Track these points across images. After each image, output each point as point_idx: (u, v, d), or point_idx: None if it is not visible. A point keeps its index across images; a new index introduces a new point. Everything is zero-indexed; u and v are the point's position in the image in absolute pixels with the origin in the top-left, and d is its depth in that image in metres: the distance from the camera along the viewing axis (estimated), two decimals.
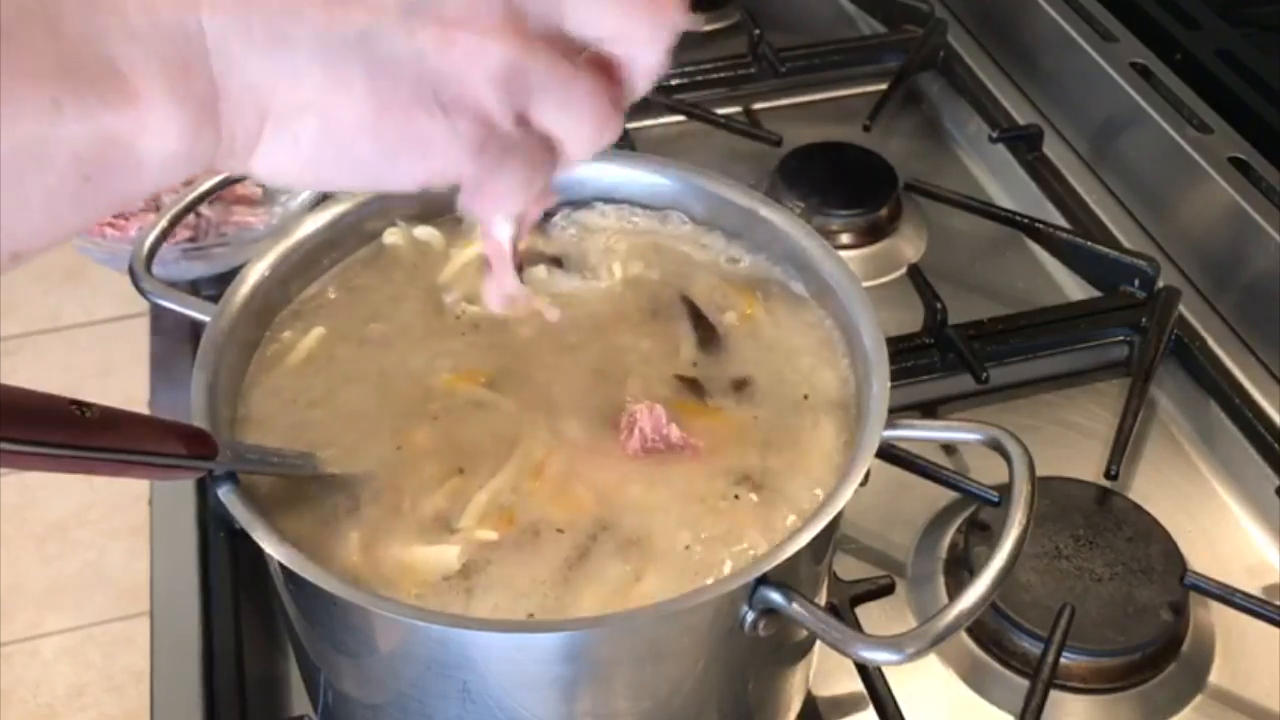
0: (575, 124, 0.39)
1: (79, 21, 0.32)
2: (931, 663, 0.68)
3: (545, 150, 0.40)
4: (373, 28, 0.35)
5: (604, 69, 0.40)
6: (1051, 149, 0.99)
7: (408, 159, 0.37)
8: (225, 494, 0.50)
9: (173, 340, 0.80)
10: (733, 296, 0.62)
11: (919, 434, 0.57)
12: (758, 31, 1.07)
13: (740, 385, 0.58)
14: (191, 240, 0.84)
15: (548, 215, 0.65)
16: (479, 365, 0.59)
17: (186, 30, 0.33)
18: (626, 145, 0.96)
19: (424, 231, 0.64)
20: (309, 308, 0.61)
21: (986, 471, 0.73)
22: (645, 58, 0.40)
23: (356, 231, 0.63)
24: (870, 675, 0.65)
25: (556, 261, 0.63)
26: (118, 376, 2.04)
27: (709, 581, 0.50)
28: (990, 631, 0.68)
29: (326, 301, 0.62)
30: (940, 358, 0.82)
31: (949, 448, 0.77)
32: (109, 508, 1.89)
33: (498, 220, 0.44)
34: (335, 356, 0.59)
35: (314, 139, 0.36)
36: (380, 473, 0.54)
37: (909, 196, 0.95)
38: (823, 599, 0.59)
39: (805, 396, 0.58)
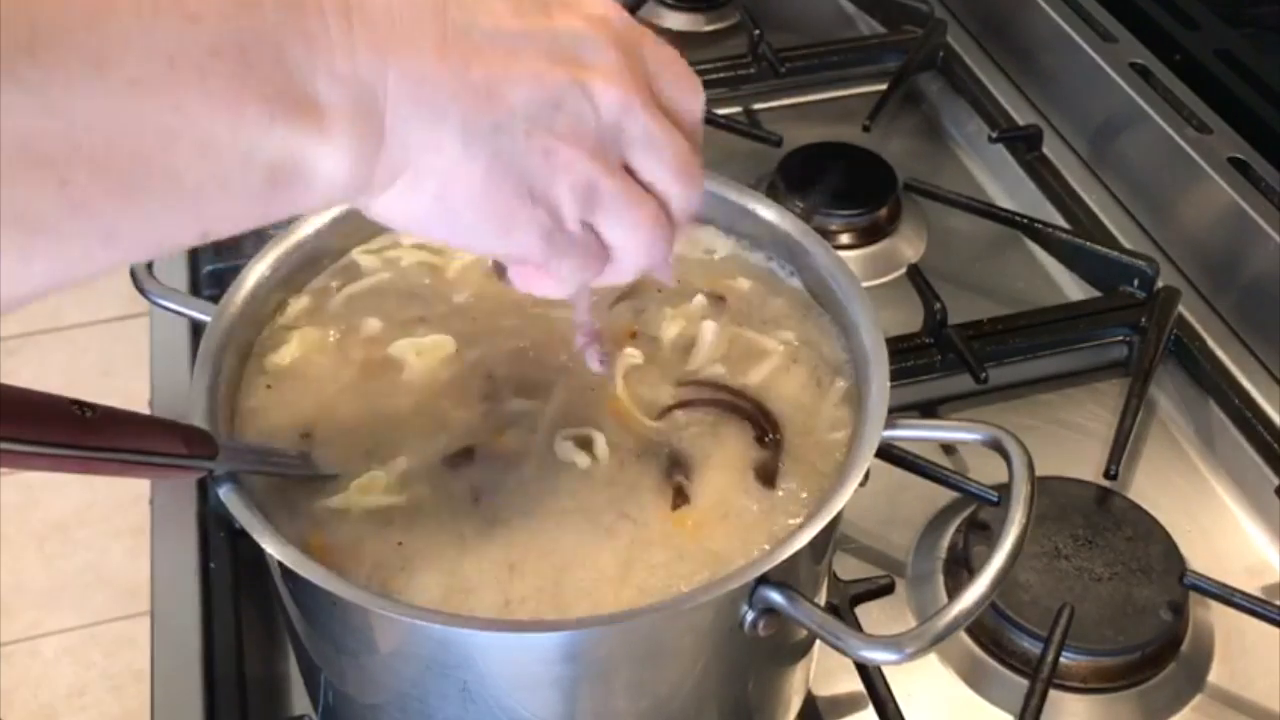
0: (628, 238, 0.47)
1: (299, 56, 0.38)
2: (931, 662, 0.68)
3: (599, 255, 0.47)
4: (503, 123, 0.42)
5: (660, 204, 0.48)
6: (1051, 149, 0.99)
7: (496, 231, 0.44)
8: (225, 494, 0.50)
9: (173, 340, 0.80)
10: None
11: (919, 434, 0.57)
12: (758, 31, 1.07)
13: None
14: None
15: None
16: (477, 362, 0.59)
17: (375, 84, 0.40)
18: None
19: None
20: (310, 308, 0.62)
21: (986, 471, 0.73)
22: (678, 206, 0.48)
23: (358, 231, 0.63)
24: (870, 675, 0.65)
25: None
26: (118, 376, 2.04)
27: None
28: (990, 631, 0.68)
29: (328, 301, 0.62)
30: (940, 358, 0.82)
31: (949, 448, 0.77)
32: (109, 508, 1.89)
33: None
34: (336, 357, 0.59)
35: (431, 198, 0.43)
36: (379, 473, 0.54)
37: (909, 196, 0.95)
38: (823, 599, 0.59)
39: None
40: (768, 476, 0.55)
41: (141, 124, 0.35)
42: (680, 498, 0.54)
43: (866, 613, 0.69)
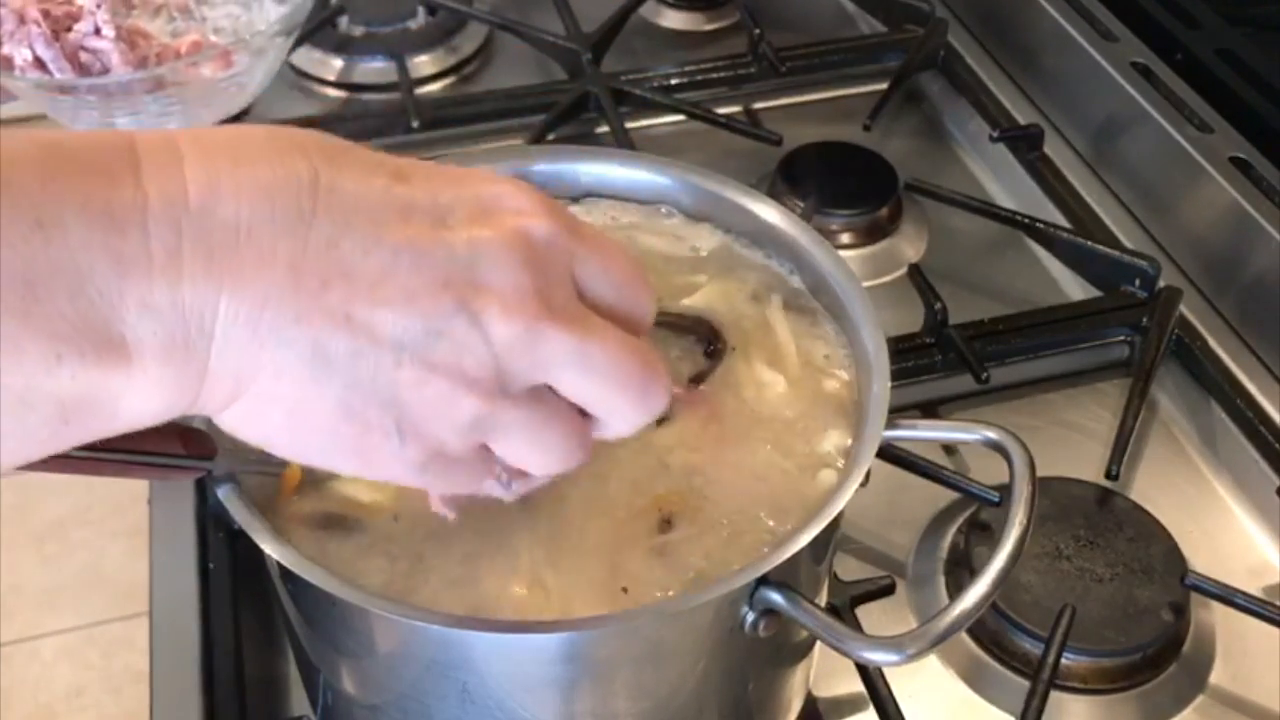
0: (536, 459, 0.42)
1: (104, 284, 0.34)
2: (932, 663, 0.68)
3: (484, 467, 0.43)
4: (364, 350, 0.37)
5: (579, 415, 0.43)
6: (1052, 148, 0.99)
7: (354, 462, 0.40)
8: (225, 494, 0.49)
9: None
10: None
11: (919, 434, 0.57)
12: (758, 31, 1.07)
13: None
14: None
15: None
16: None
17: (200, 314, 0.36)
18: (626, 144, 0.96)
19: None
20: None
21: (987, 471, 0.73)
22: (620, 427, 0.43)
23: None
24: (871, 676, 0.65)
25: None
26: None
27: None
28: (991, 632, 0.68)
29: None
30: (940, 358, 0.82)
31: (949, 448, 0.77)
32: (109, 508, 1.89)
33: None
34: None
35: (277, 423, 0.39)
36: None
37: (909, 196, 0.95)
38: (823, 599, 0.59)
39: None
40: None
41: None
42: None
43: (867, 613, 0.69)
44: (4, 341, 0.33)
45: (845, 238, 0.93)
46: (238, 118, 0.96)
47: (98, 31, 0.90)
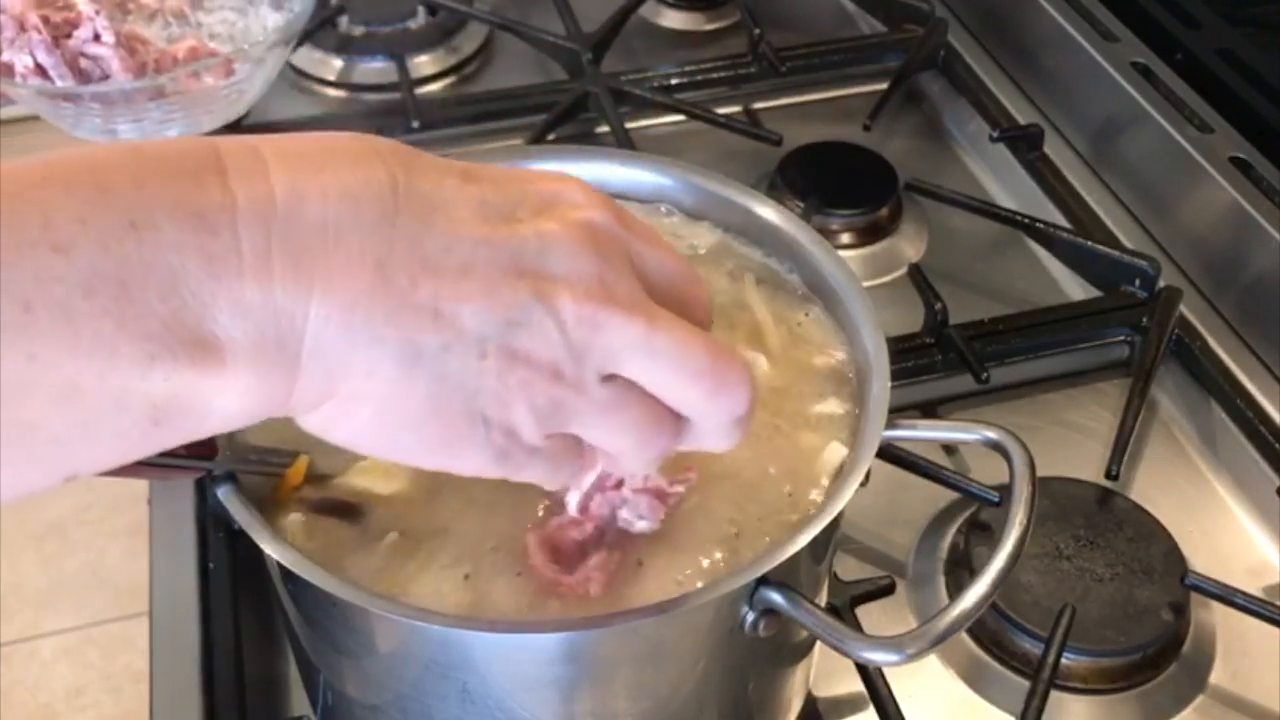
0: (617, 447, 0.42)
1: (197, 283, 0.34)
2: (932, 663, 0.68)
3: (579, 456, 0.43)
4: (452, 344, 0.38)
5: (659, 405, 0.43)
6: (1052, 148, 0.99)
7: (440, 455, 0.41)
8: (225, 494, 0.49)
9: None
10: None
11: (919, 434, 0.57)
12: (758, 31, 1.07)
13: None
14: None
15: None
16: None
17: (292, 314, 0.36)
18: (626, 144, 0.96)
19: None
20: None
21: (987, 471, 0.73)
22: (706, 427, 0.43)
23: None
24: (871, 676, 0.65)
25: None
26: None
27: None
28: (991, 632, 0.68)
29: None
30: (940, 358, 0.82)
31: (949, 448, 0.77)
32: (108, 508, 1.89)
33: None
34: None
35: (366, 423, 0.39)
36: None
37: (909, 196, 0.95)
38: (823, 599, 0.59)
39: None
40: None
41: None
42: None
43: (867, 613, 0.69)
44: (100, 342, 0.33)
45: (845, 238, 0.93)
46: (237, 122, 0.96)
47: (97, 38, 0.90)
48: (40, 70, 0.89)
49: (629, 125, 0.99)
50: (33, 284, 0.32)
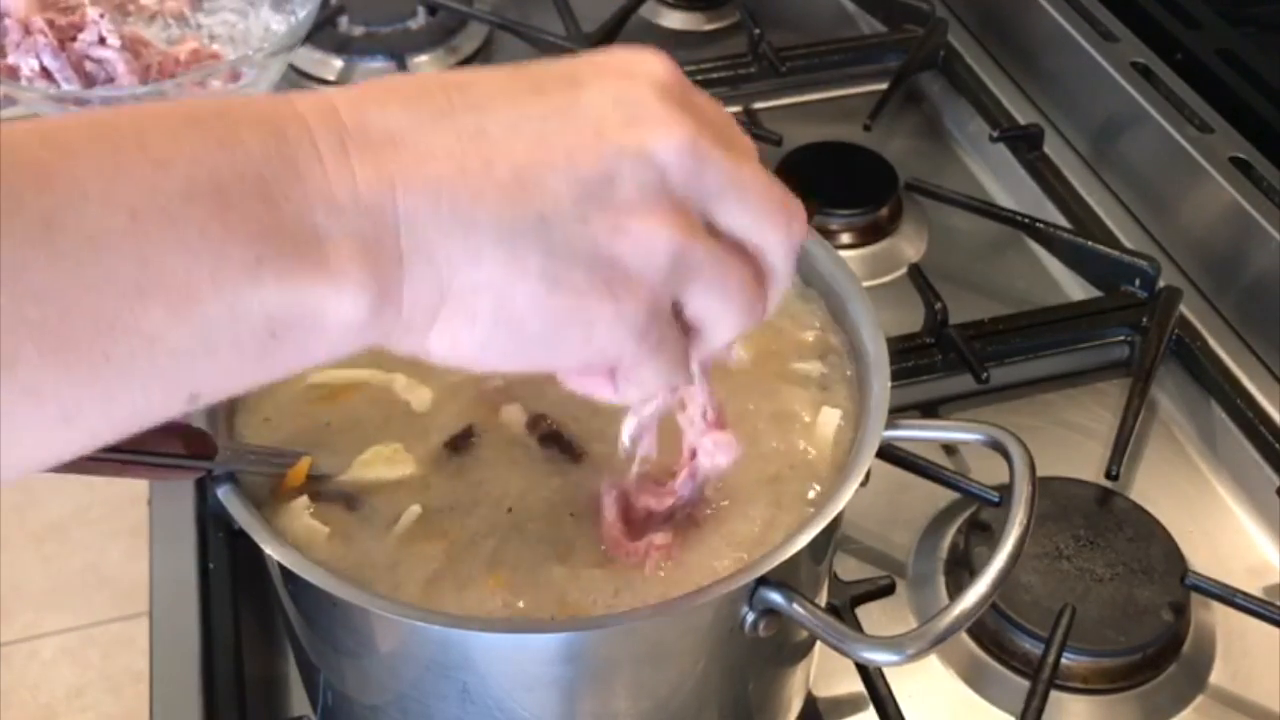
0: (725, 308, 0.41)
1: (288, 189, 0.35)
2: (932, 663, 0.68)
3: (683, 345, 0.42)
4: (549, 213, 0.37)
5: (753, 260, 0.42)
6: (1052, 148, 0.99)
7: (576, 339, 0.39)
8: (225, 494, 0.49)
9: None
10: None
11: (919, 434, 0.57)
12: (758, 31, 1.07)
13: None
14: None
15: None
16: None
17: (382, 208, 0.36)
18: None
19: None
20: None
21: (987, 471, 0.73)
22: (775, 257, 0.42)
23: None
24: (871, 676, 0.65)
25: None
26: None
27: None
28: (991, 632, 0.68)
29: None
30: (940, 358, 0.82)
31: (949, 448, 0.77)
32: (109, 508, 1.89)
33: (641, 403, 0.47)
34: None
35: (489, 317, 0.38)
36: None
37: (909, 196, 0.95)
38: (823, 599, 0.59)
39: None
40: None
41: (99, 287, 0.32)
42: None
43: (867, 613, 0.69)
44: (207, 244, 0.33)
45: (845, 238, 0.93)
46: None
47: (102, 40, 0.90)
48: (46, 73, 0.89)
49: None
50: (135, 193, 0.33)
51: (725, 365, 0.56)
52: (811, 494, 0.53)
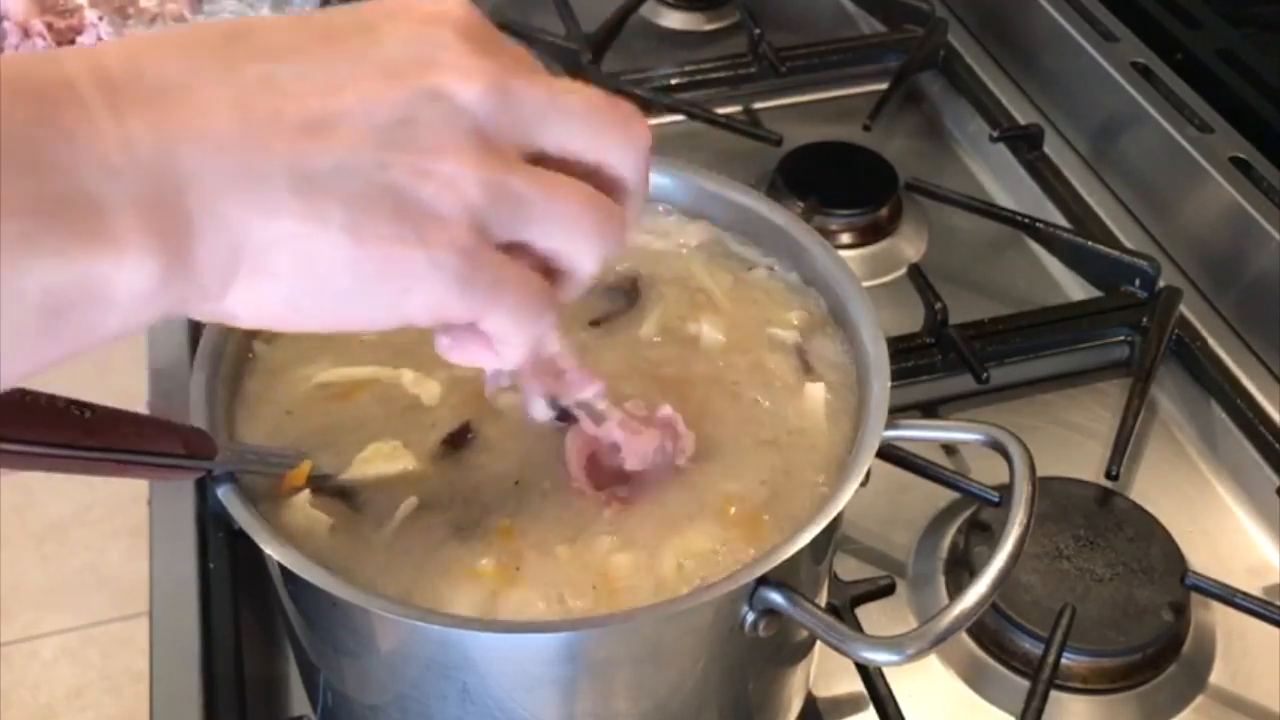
0: (570, 234, 0.39)
1: (57, 155, 0.32)
2: (932, 663, 0.68)
3: (545, 285, 0.39)
4: (346, 160, 0.35)
5: (595, 181, 0.40)
6: (1052, 148, 0.99)
7: (390, 294, 0.37)
8: (225, 494, 0.49)
9: (172, 340, 0.80)
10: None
11: (919, 434, 0.57)
12: (758, 31, 1.07)
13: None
14: None
15: None
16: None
17: (162, 167, 0.33)
18: None
19: None
20: None
21: (987, 471, 0.73)
22: (621, 170, 0.40)
23: None
24: (871, 675, 0.65)
25: None
26: (117, 376, 2.02)
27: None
28: (991, 632, 0.68)
29: None
30: (940, 358, 0.82)
31: (949, 448, 0.77)
32: (109, 508, 1.89)
33: (498, 368, 0.44)
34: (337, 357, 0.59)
35: (291, 275, 0.36)
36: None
37: (909, 196, 0.95)
38: (823, 599, 0.59)
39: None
40: None
41: None
42: None
43: (867, 613, 0.69)
44: None
45: (845, 238, 0.93)
46: None
47: (100, 43, 0.90)
48: None
49: None
50: None
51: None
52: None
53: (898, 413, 0.53)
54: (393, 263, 0.36)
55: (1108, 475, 0.74)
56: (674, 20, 1.17)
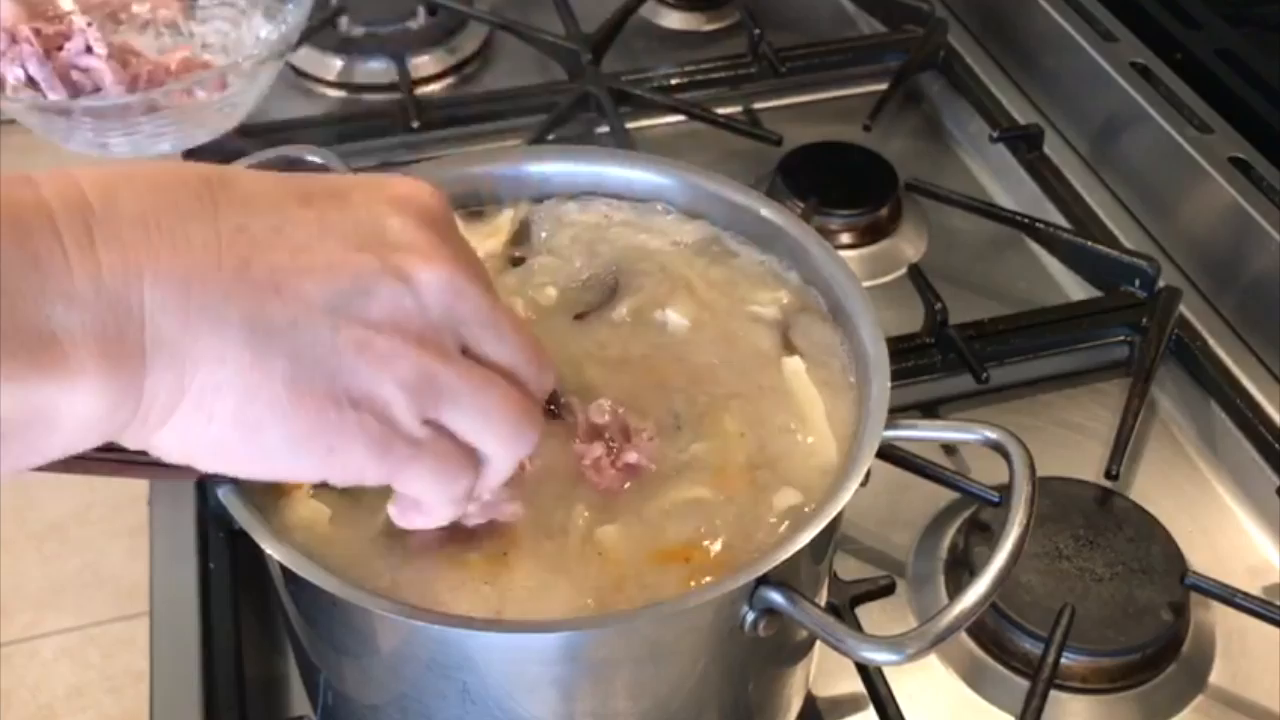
0: (487, 425, 0.42)
1: (21, 284, 0.33)
2: (932, 663, 0.68)
3: (462, 456, 0.42)
4: (300, 319, 0.37)
5: (517, 382, 0.43)
6: (1052, 148, 0.99)
7: (314, 451, 0.38)
8: (225, 494, 0.49)
9: None
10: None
11: (919, 434, 0.57)
12: (758, 31, 1.07)
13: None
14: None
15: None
16: None
17: (127, 301, 0.34)
18: (626, 145, 0.96)
19: None
20: None
21: (987, 471, 0.73)
22: (535, 385, 0.44)
23: None
24: (870, 675, 0.65)
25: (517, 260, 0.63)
26: None
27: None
28: (990, 632, 0.68)
29: None
30: (940, 358, 0.82)
31: (949, 448, 0.77)
32: (109, 508, 1.89)
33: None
34: None
35: (228, 419, 0.37)
36: None
37: (909, 196, 0.95)
38: (823, 599, 0.59)
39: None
40: None
41: None
42: None
43: (867, 613, 0.69)
44: None
45: (845, 238, 0.93)
46: None
47: (89, 50, 0.89)
48: (32, 83, 0.88)
49: (629, 126, 0.99)
50: None
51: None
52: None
53: (898, 413, 0.53)
54: (322, 424, 0.38)
55: (1107, 475, 0.74)
56: (674, 20, 1.17)
